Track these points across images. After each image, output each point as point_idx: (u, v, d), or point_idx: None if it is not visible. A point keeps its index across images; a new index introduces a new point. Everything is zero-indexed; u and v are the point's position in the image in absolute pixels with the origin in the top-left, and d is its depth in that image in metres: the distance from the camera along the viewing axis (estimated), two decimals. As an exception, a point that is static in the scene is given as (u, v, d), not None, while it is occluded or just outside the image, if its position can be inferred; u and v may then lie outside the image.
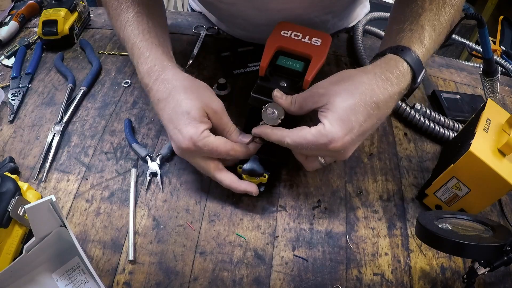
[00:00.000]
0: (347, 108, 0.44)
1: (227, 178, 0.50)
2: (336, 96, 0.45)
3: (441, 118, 0.66)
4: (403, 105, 0.66)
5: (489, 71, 0.64)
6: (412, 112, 0.66)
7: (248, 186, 0.50)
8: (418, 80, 0.48)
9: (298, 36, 0.56)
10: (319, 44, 0.55)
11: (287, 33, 0.56)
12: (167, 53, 0.54)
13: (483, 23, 0.58)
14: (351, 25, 0.85)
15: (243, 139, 0.51)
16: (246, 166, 0.51)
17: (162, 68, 0.50)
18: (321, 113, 0.46)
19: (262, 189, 0.52)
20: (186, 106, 0.47)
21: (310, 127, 0.46)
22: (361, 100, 0.44)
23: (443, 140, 0.64)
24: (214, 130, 0.50)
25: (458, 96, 0.72)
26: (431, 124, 0.65)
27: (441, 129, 0.64)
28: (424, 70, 0.49)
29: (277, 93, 0.50)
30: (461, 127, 0.66)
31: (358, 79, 0.46)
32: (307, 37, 0.56)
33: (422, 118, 0.65)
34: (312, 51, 0.54)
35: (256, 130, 0.50)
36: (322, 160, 0.49)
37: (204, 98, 0.49)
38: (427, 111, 0.66)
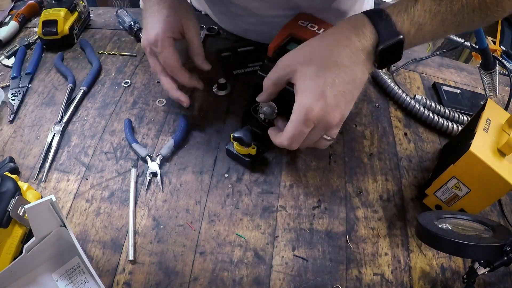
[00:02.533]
0: (312, 75, 0.45)
1: (167, 83, 0.59)
2: (299, 66, 0.47)
3: (441, 108, 0.67)
4: (404, 95, 0.67)
5: (486, 64, 0.64)
6: (412, 102, 0.67)
7: (181, 96, 0.59)
8: (383, 44, 0.45)
9: (314, 27, 0.58)
10: None
11: (304, 24, 0.59)
12: None
13: None
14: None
15: (204, 65, 0.62)
16: (236, 133, 0.54)
17: None
18: (294, 88, 0.48)
19: (249, 159, 0.56)
20: (164, 15, 0.57)
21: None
22: (321, 63, 0.45)
23: (442, 130, 0.65)
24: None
25: (458, 91, 0.72)
26: (431, 114, 0.65)
27: (440, 119, 0.65)
28: (398, 38, 0.44)
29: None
30: (461, 117, 0.66)
31: (317, 44, 0.47)
32: (322, 29, 0.58)
33: (422, 108, 0.66)
34: None
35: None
36: (325, 136, 0.49)
37: (183, 15, 0.59)
38: (427, 102, 0.67)
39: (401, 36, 0.45)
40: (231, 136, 0.54)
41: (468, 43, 0.84)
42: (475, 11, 0.45)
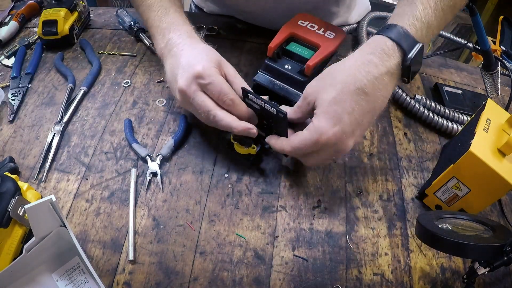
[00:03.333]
0: (331, 101, 0.45)
1: (226, 116, 0.50)
2: (320, 92, 0.46)
3: (442, 108, 0.67)
4: (404, 95, 0.67)
5: (488, 64, 0.64)
6: (413, 102, 0.66)
7: (248, 124, 0.50)
8: (410, 55, 0.45)
9: (314, 27, 0.59)
10: (332, 37, 0.57)
11: (303, 23, 0.59)
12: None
13: (474, 10, 0.57)
14: (353, 21, 0.86)
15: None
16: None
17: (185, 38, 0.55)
18: (314, 112, 0.47)
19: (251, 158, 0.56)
20: (204, 52, 0.52)
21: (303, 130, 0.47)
22: (344, 89, 0.45)
23: (442, 130, 0.65)
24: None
25: (460, 91, 0.72)
26: (430, 114, 0.65)
27: (440, 119, 0.65)
28: (419, 45, 0.46)
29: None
30: (461, 117, 0.66)
31: (339, 69, 0.47)
32: (322, 29, 0.58)
33: (422, 108, 0.66)
34: (322, 41, 0.57)
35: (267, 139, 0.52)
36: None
37: (216, 56, 0.54)
38: (428, 102, 0.67)
39: (420, 44, 0.45)
40: (231, 136, 0.54)
41: (470, 44, 0.84)
42: None
